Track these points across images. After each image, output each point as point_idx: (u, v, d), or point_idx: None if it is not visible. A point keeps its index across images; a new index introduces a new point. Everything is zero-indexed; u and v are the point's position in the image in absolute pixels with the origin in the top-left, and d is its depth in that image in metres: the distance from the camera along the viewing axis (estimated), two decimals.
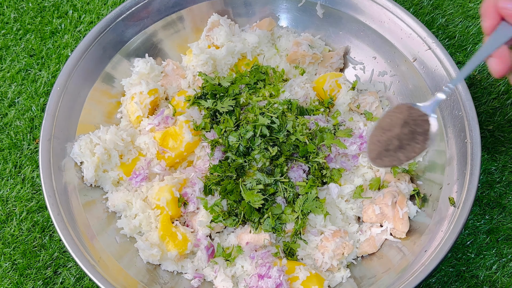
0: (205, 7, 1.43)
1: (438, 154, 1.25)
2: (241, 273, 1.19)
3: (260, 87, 1.34)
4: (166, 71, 1.41)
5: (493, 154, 1.42)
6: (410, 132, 0.95)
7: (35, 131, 1.46)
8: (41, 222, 1.35)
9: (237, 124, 1.27)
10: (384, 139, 0.98)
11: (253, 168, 1.21)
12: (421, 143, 0.95)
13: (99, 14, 1.62)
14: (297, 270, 1.15)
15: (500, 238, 1.32)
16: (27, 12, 1.64)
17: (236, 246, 1.20)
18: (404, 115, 0.97)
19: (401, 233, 1.21)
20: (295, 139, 1.23)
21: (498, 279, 1.28)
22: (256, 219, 1.19)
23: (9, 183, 1.40)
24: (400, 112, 0.99)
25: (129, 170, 1.27)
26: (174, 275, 1.21)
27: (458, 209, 1.12)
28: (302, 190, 1.20)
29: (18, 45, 1.59)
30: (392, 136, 0.97)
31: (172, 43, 1.46)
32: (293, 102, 1.29)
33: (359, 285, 1.18)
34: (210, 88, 1.31)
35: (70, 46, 1.58)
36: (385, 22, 1.34)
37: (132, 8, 1.35)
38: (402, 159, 0.98)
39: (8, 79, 1.53)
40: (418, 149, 0.96)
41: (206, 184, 1.23)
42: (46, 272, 1.29)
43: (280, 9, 1.47)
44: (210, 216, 1.21)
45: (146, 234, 1.21)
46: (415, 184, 1.29)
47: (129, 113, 1.34)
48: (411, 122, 0.96)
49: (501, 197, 1.37)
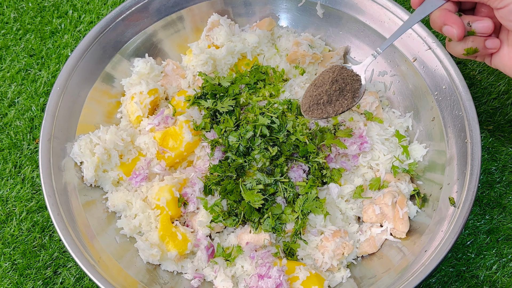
0: (205, 7, 1.43)
1: (438, 154, 1.25)
2: (241, 273, 1.19)
3: (260, 87, 1.34)
4: (166, 71, 1.41)
5: (493, 154, 1.42)
6: (339, 89, 1.04)
7: (35, 131, 1.46)
8: (41, 222, 1.35)
9: (237, 124, 1.27)
10: (315, 94, 1.07)
11: (253, 168, 1.21)
12: (350, 99, 1.04)
13: (99, 14, 1.62)
14: (297, 270, 1.15)
15: (500, 238, 1.32)
16: (27, 12, 1.64)
17: (236, 246, 1.20)
18: (335, 74, 1.06)
19: (401, 233, 1.21)
20: (295, 139, 1.23)
21: (498, 279, 1.28)
22: (256, 219, 1.19)
23: (9, 183, 1.40)
24: (332, 72, 1.07)
25: (129, 170, 1.27)
26: (174, 275, 1.21)
27: (458, 209, 1.12)
28: (302, 190, 1.20)
29: (18, 45, 1.59)
30: (322, 92, 1.06)
31: (172, 43, 1.46)
32: (293, 102, 1.29)
33: (359, 285, 1.18)
34: (210, 88, 1.31)
35: (70, 46, 1.58)
36: (385, 22, 1.34)
37: (132, 8, 1.35)
38: (330, 113, 1.07)
39: (8, 79, 1.53)
40: (345, 105, 1.05)
41: (206, 184, 1.23)
42: (46, 272, 1.29)
43: (280, 9, 1.47)
44: (210, 216, 1.21)
45: (146, 234, 1.21)
46: (415, 184, 1.29)
47: (129, 113, 1.34)
48: (341, 81, 1.05)
49: (501, 197, 1.37)
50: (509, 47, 0.92)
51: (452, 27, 0.91)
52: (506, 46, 0.92)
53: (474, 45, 0.93)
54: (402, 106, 1.38)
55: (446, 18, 0.92)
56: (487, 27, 0.91)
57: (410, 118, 1.35)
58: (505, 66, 0.93)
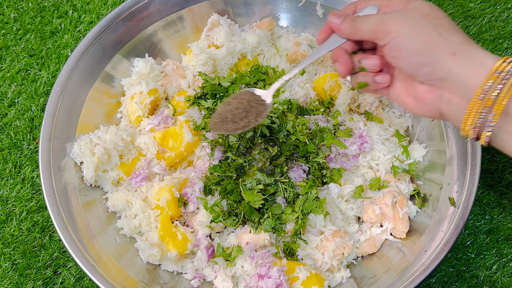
0: (205, 7, 1.43)
1: (438, 154, 1.25)
2: (241, 273, 1.18)
3: (260, 87, 1.34)
4: (166, 71, 1.41)
5: (493, 154, 1.42)
6: (245, 111, 1.12)
7: (35, 131, 1.46)
8: (41, 222, 1.35)
9: None
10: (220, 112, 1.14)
11: (253, 168, 1.21)
12: (254, 120, 1.11)
13: (99, 14, 1.62)
14: (297, 270, 1.15)
15: (500, 238, 1.32)
16: (27, 12, 1.64)
17: (236, 246, 1.20)
18: (243, 98, 1.14)
19: (401, 233, 1.21)
20: (295, 139, 1.23)
21: (498, 279, 1.28)
22: (256, 219, 1.19)
23: (9, 183, 1.40)
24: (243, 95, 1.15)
25: (129, 170, 1.27)
26: (174, 275, 1.21)
27: (458, 209, 1.12)
28: (302, 190, 1.20)
29: (18, 45, 1.59)
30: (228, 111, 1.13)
31: (172, 43, 1.46)
32: (293, 102, 1.29)
33: (359, 285, 1.18)
34: (210, 88, 1.31)
35: (70, 46, 1.58)
36: None
37: (132, 8, 1.35)
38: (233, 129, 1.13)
39: (8, 79, 1.53)
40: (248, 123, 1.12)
41: (206, 184, 1.23)
42: (46, 272, 1.29)
43: (280, 9, 1.47)
44: (210, 216, 1.21)
45: (146, 234, 1.21)
46: (415, 184, 1.29)
47: (129, 113, 1.34)
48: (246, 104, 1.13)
49: (501, 197, 1.37)
50: (400, 82, 0.99)
51: (339, 66, 1.01)
52: (398, 81, 0.99)
53: (364, 80, 1.02)
54: None
55: (337, 56, 1.01)
56: (374, 64, 0.99)
57: (410, 118, 1.35)
58: (398, 100, 1.00)
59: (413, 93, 0.95)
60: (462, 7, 1.60)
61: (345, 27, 0.98)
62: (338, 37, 1.01)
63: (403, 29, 0.88)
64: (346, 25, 0.98)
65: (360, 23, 0.95)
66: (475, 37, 1.56)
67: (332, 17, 1.00)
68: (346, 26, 0.98)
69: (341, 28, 0.99)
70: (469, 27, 1.57)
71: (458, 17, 1.59)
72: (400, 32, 0.88)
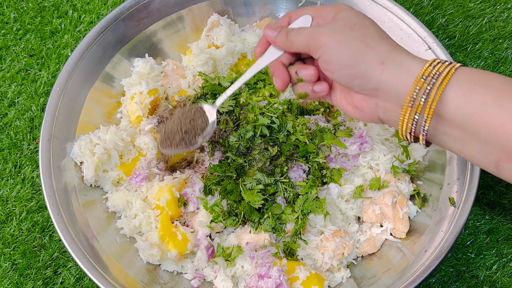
0: (205, 7, 1.44)
1: (438, 154, 1.25)
2: (241, 273, 1.18)
3: (260, 87, 1.34)
4: (166, 71, 1.41)
5: None
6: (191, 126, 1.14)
7: (35, 131, 1.46)
8: (41, 222, 1.35)
9: (237, 124, 1.27)
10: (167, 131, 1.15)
11: (253, 168, 1.21)
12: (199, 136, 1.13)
13: (99, 14, 1.62)
14: (297, 270, 1.15)
15: (500, 238, 1.32)
16: (27, 12, 1.64)
17: (236, 246, 1.20)
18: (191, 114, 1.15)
19: (401, 233, 1.21)
20: (295, 139, 1.23)
21: (498, 279, 1.28)
22: (256, 219, 1.19)
23: (9, 183, 1.40)
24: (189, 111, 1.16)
25: (129, 170, 1.27)
26: (174, 275, 1.21)
27: (458, 209, 1.12)
28: (302, 190, 1.20)
29: (18, 45, 1.59)
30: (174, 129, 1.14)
31: (172, 43, 1.46)
32: (293, 102, 1.29)
33: (359, 285, 1.18)
34: (210, 88, 1.31)
35: (70, 46, 1.58)
36: (385, 22, 1.34)
37: (132, 8, 1.35)
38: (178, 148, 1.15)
39: (8, 79, 1.53)
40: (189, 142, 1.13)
41: (206, 184, 1.23)
42: (46, 272, 1.29)
43: (280, 9, 1.47)
44: (210, 216, 1.21)
45: (146, 234, 1.21)
46: (415, 184, 1.29)
47: (129, 113, 1.34)
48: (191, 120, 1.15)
49: (501, 197, 1.37)
50: (340, 90, 1.01)
51: (276, 80, 1.02)
52: (338, 90, 1.02)
53: (303, 90, 1.03)
54: None
55: (274, 70, 1.02)
56: (311, 75, 1.00)
57: None
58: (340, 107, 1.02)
59: (351, 102, 0.97)
60: (462, 7, 1.60)
61: (280, 40, 0.99)
62: (276, 49, 1.02)
63: (332, 43, 0.90)
64: (281, 38, 0.99)
65: (293, 36, 0.97)
66: (475, 37, 1.56)
67: (268, 30, 1.01)
68: (281, 39, 0.99)
69: (276, 41, 1.00)
70: (469, 27, 1.57)
71: (458, 17, 1.59)
72: (329, 46, 0.90)
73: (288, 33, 0.98)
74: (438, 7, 1.61)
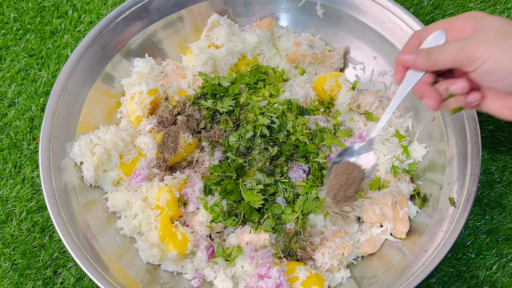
0: (205, 7, 1.43)
1: (438, 154, 1.25)
2: (241, 273, 1.18)
3: (260, 87, 1.34)
4: (166, 71, 1.41)
5: (493, 154, 1.42)
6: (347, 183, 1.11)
7: (35, 131, 1.46)
8: (41, 222, 1.35)
9: (237, 124, 1.27)
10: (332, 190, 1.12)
11: (253, 168, 1.21)
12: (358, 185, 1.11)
13: (99, 14, 1.62)
14: (297, 270, 1.15)
15: (500, 238, 1.32)
16: (27, 12, 1.64)
17: (236, 246, 1.20)
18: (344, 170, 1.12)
19: (401, 233, 1.21)
20: (295, 139, 1.23)
21: (498, 279, 1.28)
22: (256, 219, 1.18)
23: (9, 183, 1.40)
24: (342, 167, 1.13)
25: (129, 170, 1.27)
26: (174, 275, 1.21)
27: (458, 209, 1.12)
28: (302, 190, 1.20)
29: (18, 45, 1.59)
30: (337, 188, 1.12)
31: (172, 43, 1.46)
32: (293, 102, 1.29)
33: (359, 285, 1.18)
34: (210, 88, 1.31)
35: (70, 46, 1.58)
36: (385, 22, 1.34)
37: (132, 8, 1.35)
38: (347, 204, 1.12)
39: (8, 79, 1.53)
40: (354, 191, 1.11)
41: (206, 184, 1.23)
42: (46, 272, 1.29)
43: (280, 9, 1.47)
44: (210, 216, 1.21)
45: (146, 234, 1.21)
46: (415, 184, 1.29)
47: (129, 113, 1.34)
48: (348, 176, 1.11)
49: (501, 197, 1.37)
50: (491, 96, 0.99)
51: (428, 101, 0.99)
52: (490, 96, 1.00)
53: (457, 104, 1.01)
54: (402, 106, 1.38)
55: (423, 92, 1.00)
56: (463, 87, 0.98)
57: (410, 118, 1.35)
58: (492, 111, 1.00)
59: (509, 106, 0.96)
60: (462, 7, 1.60)
61: (421, 61, 0.97)
62: (414, 72, 1.00)
63: (489, 54, 0.88)
64: (422, 59, 0.97)
65: (437, 55, 0.95)
66: None
67: (404, 55, 0.99)
68: (423, 60, 0.97)
69: (417, 63, 0.98)
70: None
71: None
72: (487, 57, 0.89)
73: (429, 53, 0.96)
74: (438, 7, 1.61)
